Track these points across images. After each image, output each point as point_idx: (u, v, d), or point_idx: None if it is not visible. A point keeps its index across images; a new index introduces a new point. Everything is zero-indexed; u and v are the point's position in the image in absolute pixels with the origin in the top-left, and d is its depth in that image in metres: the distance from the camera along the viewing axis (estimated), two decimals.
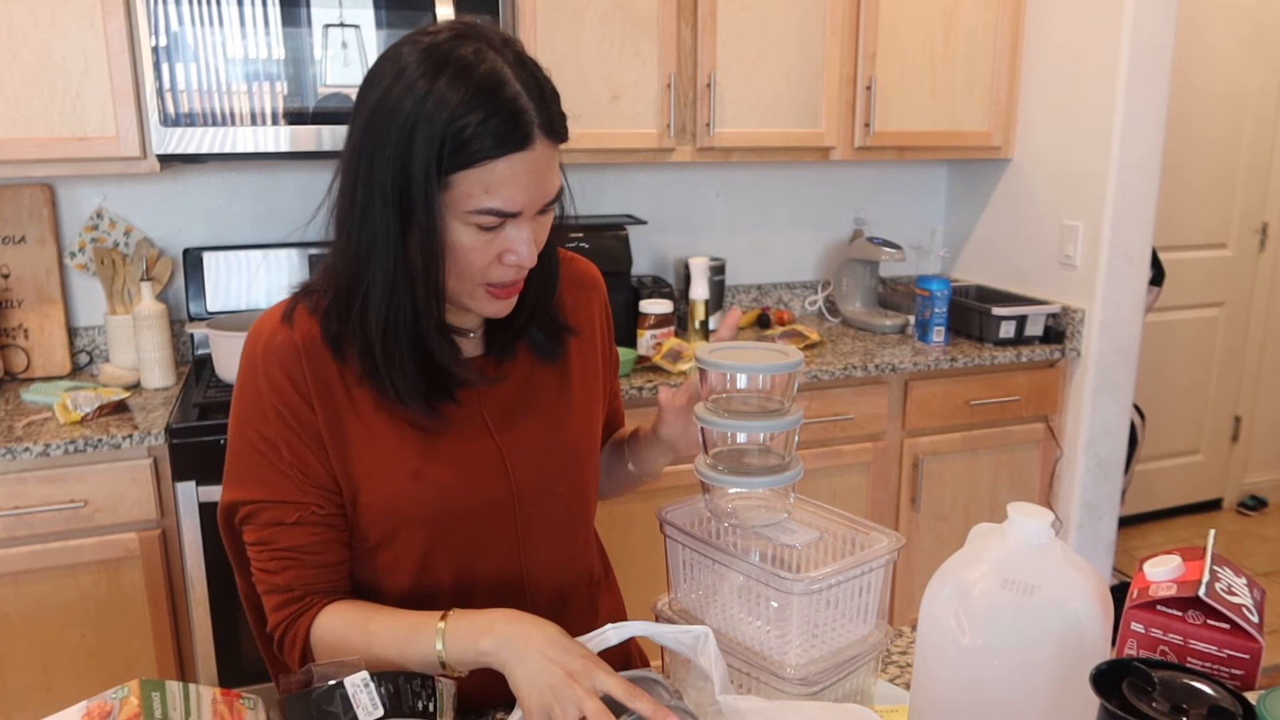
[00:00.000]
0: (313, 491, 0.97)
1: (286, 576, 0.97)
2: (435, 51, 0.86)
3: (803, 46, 2.51)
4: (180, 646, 2.04)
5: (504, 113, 0.85)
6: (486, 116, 0.84)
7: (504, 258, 0.91)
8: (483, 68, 0.86)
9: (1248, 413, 3.84)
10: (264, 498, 0.96)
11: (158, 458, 1.94)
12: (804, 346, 2.58)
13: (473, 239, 0.90)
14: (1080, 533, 2.74)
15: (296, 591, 0.97)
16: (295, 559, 0.96)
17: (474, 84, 0.85)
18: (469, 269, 0.91)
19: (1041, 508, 0.74)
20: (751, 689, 0.88)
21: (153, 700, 0.76)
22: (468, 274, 0.92)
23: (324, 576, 0.98)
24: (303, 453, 0.96)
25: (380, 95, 0.87)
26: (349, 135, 0.91)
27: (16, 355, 2.32)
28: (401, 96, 0.85)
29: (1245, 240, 3.64)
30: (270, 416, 0.96)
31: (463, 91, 0.84)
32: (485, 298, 0.94)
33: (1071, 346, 2.64)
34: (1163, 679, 0.66)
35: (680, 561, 0.97)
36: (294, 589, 0.97)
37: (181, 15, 1.96)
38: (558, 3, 2.27)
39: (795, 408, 0.92)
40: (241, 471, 0.98)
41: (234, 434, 0.99)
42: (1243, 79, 3.45)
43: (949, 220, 3.16)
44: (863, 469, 2.53)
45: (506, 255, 0.91)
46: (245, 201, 2.48)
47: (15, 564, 1.89)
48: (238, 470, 0.98)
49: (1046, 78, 2.67)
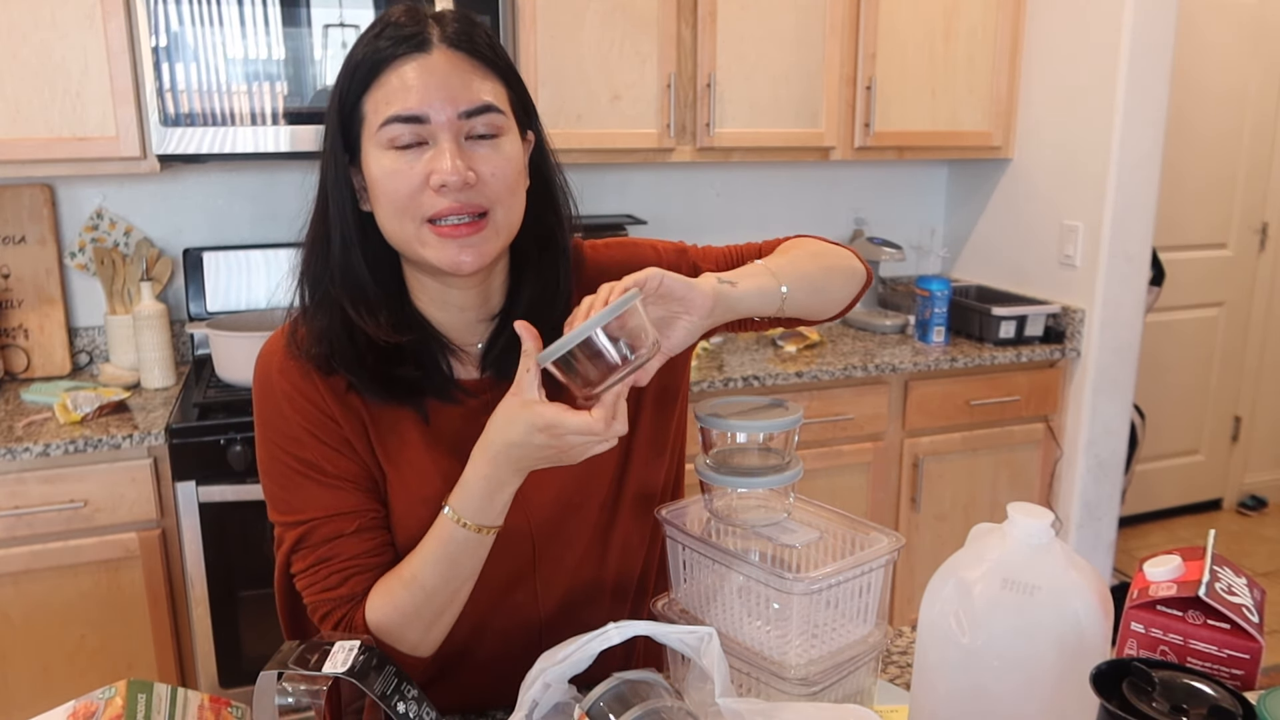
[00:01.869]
0: (365, 497, 0.95)
1: (351, 585, 0.94)
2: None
3: (802, 46, 2.51)
4: (180, 646, 2.04)
5: (396, 24, 0.87)
6: (380, 30, 0.88)
7: (430, 180, 0.86)
8: (396, 8, 0.90)
9: (1248, 413, 3.84)
10: (317, 515, 0.94)
11: (158, 458, 1.94)
12: (804, 346, 2.58)
13: (392, 162, 0.87)
14: (1080, 533, 2.74)
15: (359, 596, 0.95)
16: (360, 564, 0.94)
17: (381, 18, 0.90)
18: (397, 198, 0.87)
19: (1041, 508, 0.74)
20: (752, 689, 0.88)
21: (137, 702, 0.76)
22: (400, 207, 0.88)
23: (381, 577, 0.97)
24: (344, 463, 0.94)
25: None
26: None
27: (16, 355, 2.32)
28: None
29: (1245, 240, 3.64)
30: (302, 437, 0.94)
31: (371, 27, 0.89)
32: (434, 240, 0.88)
33: (1071, 346, 2.64)
34: (1163, 679, 0.66)
35: (680, 561, 0.97)
36: (356, 595, 0.94)
37: (181, 15, 1.96)
38: (558, 3, 2.27)
39: (795, 407, 0.93)
40: (286, 498, 0.95)
41: (268, 463, 0.96)
42: (1243, 79, 3.45)
43: (949, 220, 3.16)
44: (863, 469, 2.53)
45: (432, 177, 0.86)
46: (245, 201, 2.48)
47: (15, 564, 1.89)
48: (282, 497, 0.96)
49: (1046, 78, 2.67)
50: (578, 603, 1.05)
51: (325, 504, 0.94)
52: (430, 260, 0.89)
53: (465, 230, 0.88)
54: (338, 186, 0.91)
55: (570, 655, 0.82)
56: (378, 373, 0.93)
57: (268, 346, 0.97)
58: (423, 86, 0.86)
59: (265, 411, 0.95)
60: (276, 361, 0.95)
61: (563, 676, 0.83)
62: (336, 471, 0.94)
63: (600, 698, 0.80)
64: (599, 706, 0.80)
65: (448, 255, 0.88)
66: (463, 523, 0.88)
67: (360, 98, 0.88)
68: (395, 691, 0.80)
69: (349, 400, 0.94)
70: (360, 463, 0.95)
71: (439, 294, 0.96)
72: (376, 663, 0.80)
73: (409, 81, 0.86)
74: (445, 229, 0.88)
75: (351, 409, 0.94)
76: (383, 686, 0.79)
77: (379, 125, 0.86)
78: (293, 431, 0.94)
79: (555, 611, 1.04)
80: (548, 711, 0.83)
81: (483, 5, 2.14)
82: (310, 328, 0.94)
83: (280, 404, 0.94)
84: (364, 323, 0.91)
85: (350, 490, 0.95)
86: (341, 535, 0.94)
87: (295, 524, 0.94)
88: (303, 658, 0.80)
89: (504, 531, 0.92)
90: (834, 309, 1.10)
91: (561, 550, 1.02)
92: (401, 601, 0.92)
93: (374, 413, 0.95)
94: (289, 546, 0.95)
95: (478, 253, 0.89)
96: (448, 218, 0.87)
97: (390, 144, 0.87)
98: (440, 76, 0.86)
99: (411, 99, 0.85)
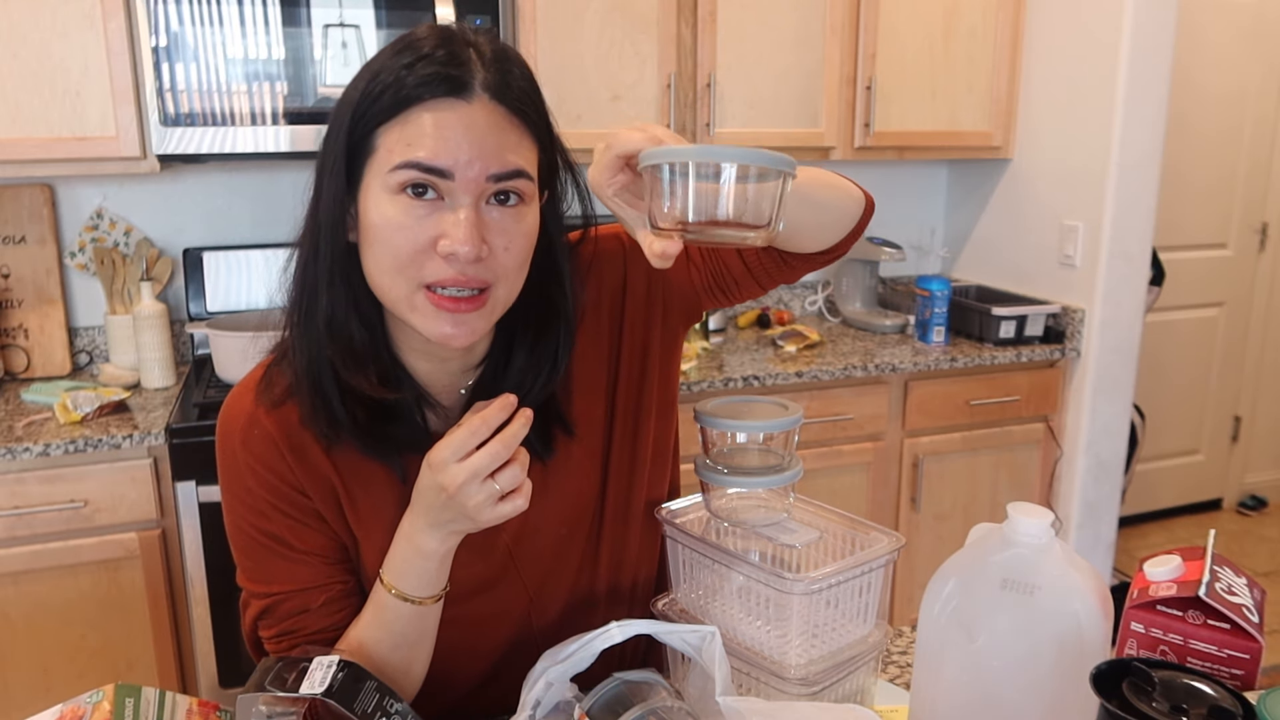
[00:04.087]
0: (334, 570, 0.91)
1: (305, 650, 0.90)
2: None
3: (802, 46, 2.51)
4: (180, 646, 2.04)
5: (435, 59, 0.76)
6: (413, 61, 0.76)
7: (439, 245, 0.77)
8: (425, 27, 0.79)
9: (1248, 413, 3.84)
10: (283, 590, 0.90)
11: (158, 458, 1.94)
12: (804, 346, 2.58)
13: (399, 212, 0.77)
14: (1080, 533, 2.74)
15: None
16: (325, 639, 0.91)
17: (407, 38, 0.78)
18: (397, 253, 0.77)
19: (1041, 508, 0.74)
20: (752, 689, 0.88)
21: (125, 706, 0.76)
22: (398, 263, 0.78)
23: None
24: (311, 537, 0.90)
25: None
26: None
27: (16, 355, 2.32)
28: (351, 83, 0.80)
29: (1245, 240, 3.64)
30: (266, 511, 0.88)
31: (396, 45, 0.78)
32: (428, 308, 0.79)
33: (1071, 346, 2.64)
34: (1163, 679, 0.66)
35: (680, 561, 0.97)
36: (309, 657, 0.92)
37: (181, 15, 1.96)
38: (558, 3, 2.27)
39: (795, 407, 0.93)
40: (252, 567, 0.91)
41: (233, 530, 0.91)
42: (1243, 79, 3.45)
43: (949, 220, 3.16)
44: (863, 469, 2.53)
45: (441, 242, 0.77)
46: (245, 201, 2.48)
47: (15, 564, 1.89)
48: (248, 566, 0.91)
49: (1046, 78, 2.67)
50: (576, 612, 1.02)
51: (291, 578, 0.90)
52: (417, 327, 0.81)
53: (464, 306, 0.79)
54: (331, 214, 0.81)
55: (573, 654, 0.83)
56: (368, 429, 0.86)
57: (230, 406, 0.90)
58: (454, 139, 0.75)
59: (229, 481, 0.90)
60: (240, 430, 0.88)
61: (564, 675, 0.83)
62: (304, 546, 0.90)
63: (600, 697, 0.80)
64: (599, 706, 0.80)
65: (438, 328, 0.80)
66: (403, 597, 0.85)
67: (376, 129, 0.77)
68: (378, 708, 0.77)
69: (318, 467, 0.88)
70: (329, 534, 0.90)
71: (422, 345, 0.87)
72: (356, 679, 0.78)
73: (436, 129, 0.75)
74: (444, 300, 0.78)
75: (320, 476, 0.88)
76: (364, 704, 0.77)
77: (393, 166, 0.76)
78: (258, 505, 0.88)
79: (553, 623, 1.01)
80: (549, 711, 0.83)
81: (483, 5, 2.14)
82: (294, 386, 0.87)
83: (244, 477, 0.88)
84: (354, 380, 0.84)
85: (318, 564, 0.90)
86: (307, 610, 0.90)
87: (261, 595, 0.91)
88: (280, 676, 0.77)
89: (491, 569, 0.91)
90: (831, 231, 0.93)
91: (557, 573, 0.99)
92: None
93: (345, 477, 0.89)
94: (255, 614, 0.92)
95: (470, 330, 0.80)
96: (448, 288, 0.78)
97: (400, 187, 0.77)
98: (477, 133, 0.76)
99: (437, 149, 0.75)
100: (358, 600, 0.92)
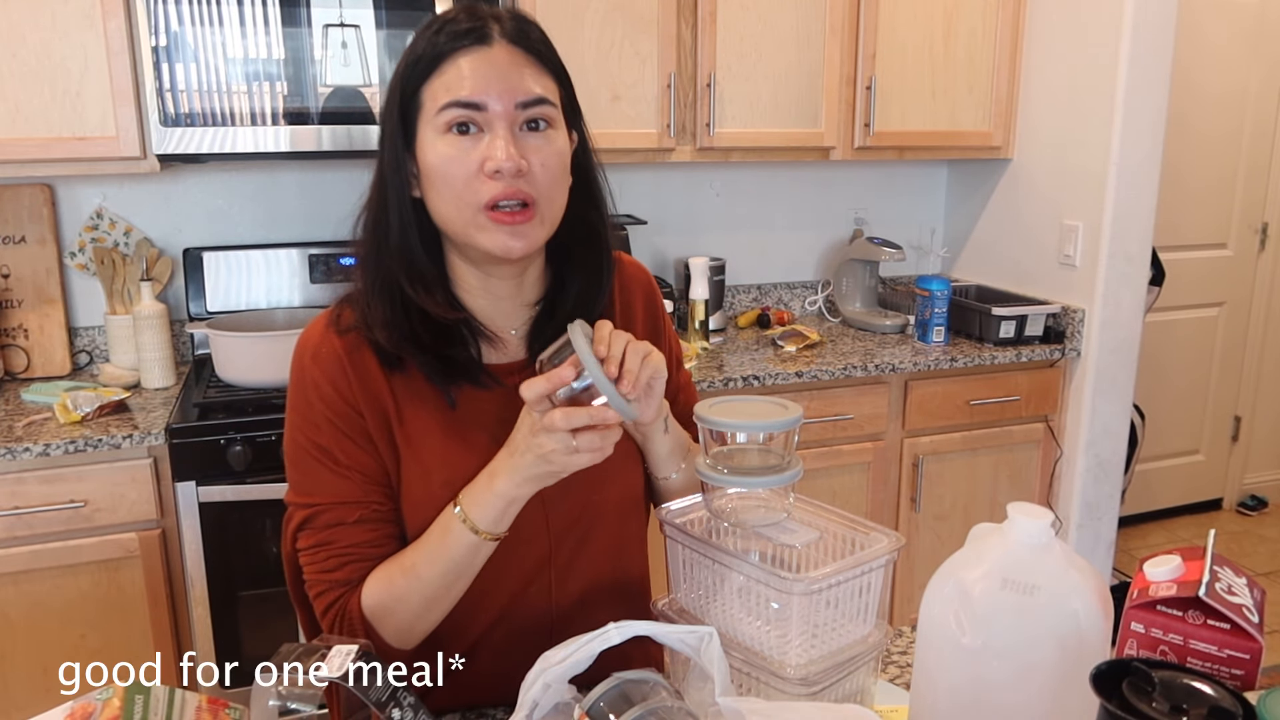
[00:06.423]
0: (373, 489, 0.99)
1: (347, 570, 0.98)
2: None
3: (802, 46, 2.51)
4: (180, 646, 2.04)
5: (460, 21, 0.92)
6: (440, 27, 0.93)
7: (484, 165, 0.91)
8: (453, 8, 0.96)
9: (1248, 413, 3.84)
10: (323, 501, 0.98)
11: (158, 458, 1.94)
12: (804, 346, 2.58)
13: (449, 147, 0.92)
14: (1080, 533, 2.74)
15: (354, 582, 0.99)
16: (355, 554, 0.98)
17: (438, 17, 0.95)
18: (454, 182, 0.92)
19: (1041, 508, 0.74)
20: (751, 689, 0.88)
21: (134, 703, 0.76)
22: (457, 192, 0.92)
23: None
24: (358, 455, 0.98)
25: None
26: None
27: (16, 355, 2.32)
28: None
29: (1245, 240, 3.64)
30: (322, 424, 0.98)
31: (430, 24, 0.95)
32: (489, 225, 0.93)
33: (1071, 346, 2.64)
34: (1163, 679, 0.66)
35: (680, 561, 0.97)
36: (352, 581, 0.98)
37: (181, 15, 1.96)
38: (558, 3, 2.27)
39: (795, 407, 0.93)
40: (299, 479, 1.00)
41: (289, 444, 1.01)
42: (1243, 79, 3.45)
43: (949, 220, 3.16)
44: (863, 469, 2.53)
45: (486, 163, 0.91)
46: (245, 201, 2.48)
47: (15, 564, 1.89)
48: (296, 478, 1.01)
49: (1046, 78, 2.67)
50: (593, 601, 1.07)
51: (333, 490, 0.98)
52: (483, 245, 0.94)
53: (517, 218, 0.93)
54: (396, 172, 0.95)
55: (570, 655, 0.82)
56: (430, 348, 0.97)
57: (306, 332, 1.01)
58: (482, 76, 0.91)
59: (294, 396, 1.00)
60: (311, 347, 0.99)
61: (563, 677, 0.83)
62: (349, 461, 0.98)
63: (600, 698, 0.80)
64: (599, 706, 0.80)
65: (499, 241, 0.93)
66: (469, 524, 0.93)
67: (420, 87, 0.93)
68: (390, 699, 0.80)
69: (376, 387, 0.98)
70: (374, 455, 0.98)
71: (479, 281, 1.01)
72: (373, 668, 0.80)
73: (468, 71, 0.91)
74: (501, 215, 0.92)
75: (376, 396, 0.98)
76: (378, 693, 0.79)
77: (437, 110, 0.91)
78: (315, 418, 0.98)
79: (570, 608, 1.06)
80: (548, 712, 0.83)
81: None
82: (366, 310, 0.98)
83: (308, 391, 0.98)
84: (421, 300, 0.96)
85: (359, 481, 0.98)
86: (342, 523, 0.98)
87: (304, 505, 0.99)
88: (299, 661, 0.79)
89: (524, 529, 0.96)
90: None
91: (578, 548, 1.05)
92: (397, 586, 0.96)
93: (400, 399, 0.99)
94: (295, 525, 1.00)
95: (527, 240, 0.94)
96: (502, 203, 0.92)
97: (447, 127, 0.91)
98: (500, 68, 0.92)
99: (471, 87, 0.91)
100: (391, 526, 1.00)
